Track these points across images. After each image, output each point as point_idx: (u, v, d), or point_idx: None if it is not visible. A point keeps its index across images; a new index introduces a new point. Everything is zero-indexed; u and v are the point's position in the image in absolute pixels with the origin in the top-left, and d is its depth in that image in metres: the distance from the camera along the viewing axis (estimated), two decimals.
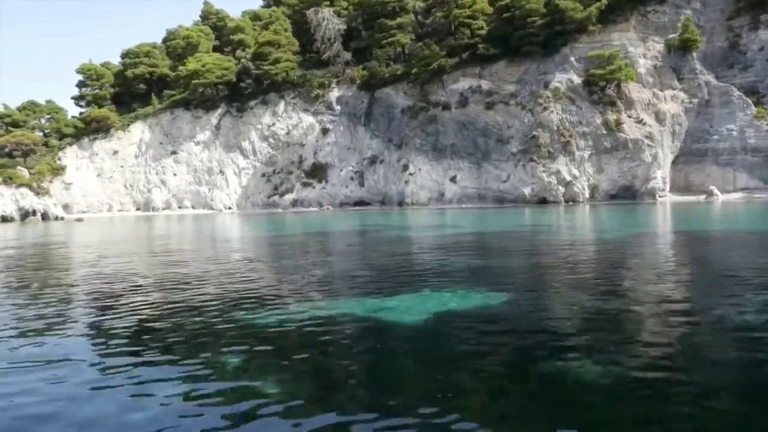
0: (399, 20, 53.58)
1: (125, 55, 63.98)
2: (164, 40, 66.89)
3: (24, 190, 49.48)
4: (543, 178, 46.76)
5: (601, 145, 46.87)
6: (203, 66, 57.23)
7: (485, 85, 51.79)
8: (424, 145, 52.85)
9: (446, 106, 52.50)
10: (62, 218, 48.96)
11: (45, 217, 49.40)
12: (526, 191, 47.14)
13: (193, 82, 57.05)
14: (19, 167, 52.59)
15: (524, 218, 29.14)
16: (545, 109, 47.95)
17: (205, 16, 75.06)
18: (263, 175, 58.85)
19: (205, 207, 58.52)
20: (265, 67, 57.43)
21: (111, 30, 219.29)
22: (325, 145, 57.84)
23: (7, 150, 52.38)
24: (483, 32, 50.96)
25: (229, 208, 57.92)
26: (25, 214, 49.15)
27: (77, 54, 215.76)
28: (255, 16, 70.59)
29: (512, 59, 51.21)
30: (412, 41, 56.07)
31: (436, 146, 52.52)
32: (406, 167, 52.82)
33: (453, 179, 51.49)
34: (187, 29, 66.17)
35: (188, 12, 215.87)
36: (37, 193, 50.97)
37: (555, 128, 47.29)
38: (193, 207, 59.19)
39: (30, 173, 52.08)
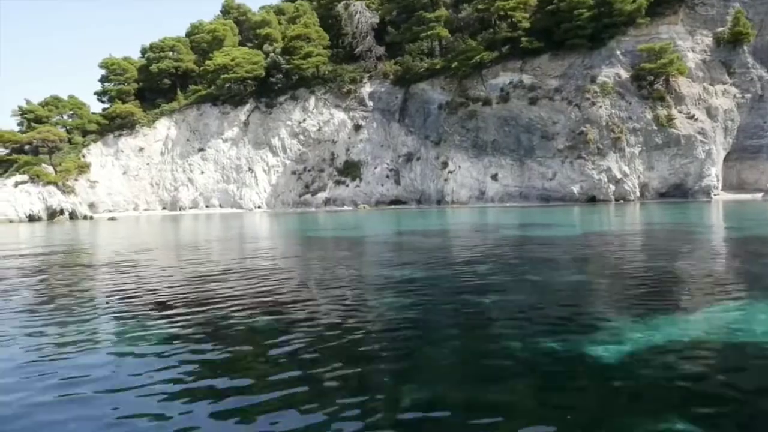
0: (437, 12, 51.78)
1: (149, 49, 62.05)
2: (188, 34, 64.97)
3: (51, 188, 47.64)
4: (593, 175, 45.18)
5: (652, 141, 45.31)
6: (232, 60, 55.42)
7: (527, 79, 50.15)
8: (463, 141, 51.19)
9: (486, 102, 50.83)
10: (91, 217, 47.10)
11: (73, 216, 47.53)
12: (575, 189, 45.55)
13: (222, 76, 55.25)
14: (43, 164, 50.74)
15: (632, 217, 27.47)
16: (593, 104, 46.37)
17: (226, 11, 73.17)
18: (293, 172, 57.10)
19: (233, 206, 56.74)
20: (296, 62, 55.70)
21: (129, 25, 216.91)
22: (357, 141, 56.13)
23: (32, 146, 50.43)
24: (526, 25, 49.15)
25: (259, 207, 56.15)
26: (53, 214, 47.30)
27: (91, 50, 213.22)
28: (279, 11, 68.85)
29: (555, 53, 49.61)
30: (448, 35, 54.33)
31: (476, 143, 50.88)
32: (445, 165, 51.16)
33: (494, 177, 49.86)
34: (211, 23, 64.33)
35: (206, 8, 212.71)
36: (63, 192, 49.11)
37: (604, 124, 45.72)
38: (220, 206, 57.42)
39: (56, 171, 50.20)
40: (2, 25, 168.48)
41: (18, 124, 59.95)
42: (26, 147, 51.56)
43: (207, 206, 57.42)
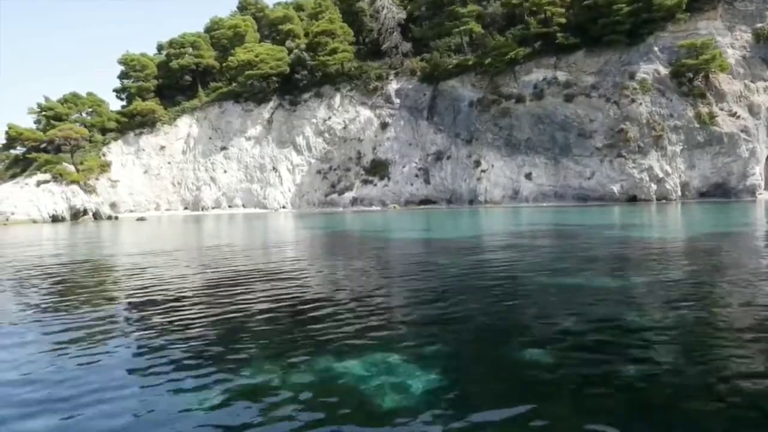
0: (470, 7, 50.53)
1: (167, 45, 60.62)
2: (207, 30, 63.58)
3: (74, 187, 46.19)
4: (633, 174, 44.06)
5: (694, 139, 44.21)
6: (256, 56, 54.08)
7: (561, 76, 49.00)
8: (496, 139, 50.02)
9: (520, 99, 49.67)
10: (116, 217, 45.68)
11: (96, 216, 46.11)
12: (615, 189, 44.42)
13: (246, 73, 53.92)
14: (64, 163, 49.27)
15: (701, 216, 26.27)
16: (633, 101, 45.24)
17: (243, 7, 71.87)
18: (318, 171, 55.81)
19: (257, 206, 55.42)
20: (322, 58, 54.44)
21: (129, 25, 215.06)
22: (384, 140, 54.89)
23: (55, 144, 48.94)
24: (561, 20, 47.98)
25: (284, 207, 54.83)
26: (76, 214, 45.87)
27: (91, 49, 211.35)
28: (298, 6, 67.56)
29: (591, 49, 48.46)
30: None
31: (510, 141, 49.71)
32: (477, 163, 49.97)
33: (528, 176, 48.71)
34: (231, 18, 62.95)
35: (219, 4, 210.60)
36: (86, 191, 47.68)
37: (644, 122, 44.60)
38: (243, 206, 56.09)
39: (77, 170, 48.75)
40: (2, 25, 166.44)
41: (35, 122, 58.50)
42: (48, 146, 50.00)
43: (230, 206, 56.09)
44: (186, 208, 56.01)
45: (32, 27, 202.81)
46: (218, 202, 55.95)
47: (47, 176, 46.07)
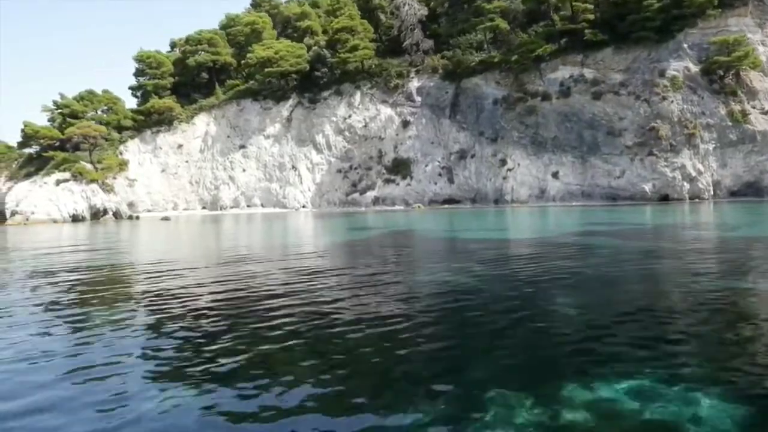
0: (496, 3, 49.70)
1: (184, 42, 59.63)
2: (223, 27, 62.60)
3: (94, 186, 45.25)
4: (666, 173, 43.30)
5: (726, 137, 43.50)
6: (276, 53, 53.13)
7: (588, 73, 48.23)
8: (522, 138, 49.24)
9: (546, 97, 48.90)
10: (137, 217, 44.70)
11: (117, 216, 45.14)
12: (647, 187, 43.65)
13: (266, 70, 52.97)
14: (82, 162, 48.27)
15: (755, 216, 25.51)
16: (664, 98, 44.49)
17: (257, 4, 70.92)
18: (339, 170, 54.92)
19: (276, 205, 54.49)
20: (343, 55, 53.55)
21: (130, 25, 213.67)
22: (406, 138, 54.02)
23: (73, 142, 47.88)
24: (590, 17, 47.21)
25: (304, 206, 53.92)
26: (96, 213, 44.92)
27: (91, 49, 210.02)
28: (314, 3, 66.67)
29: (619, 46, 47.71)
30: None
31: (536, 139, 48.93)
32: (503, 162, 49.17)
33: (555, 175, 47.92)
34: (248, 15, 62.00)
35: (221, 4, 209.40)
36: (104, 190, 46.71)
37: (676, 119, 43.86)
38: (262, 205, 55.17)
39: (96, 168, 47.75)
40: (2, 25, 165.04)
41: (48, 120, 57.45)
42: (67, 144, 48.94)
43: (248, 206, 55.16)
44: (204, 208, 55.07)
45: (31, 27, 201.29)
46: (237, 201, 55.02)
47: (66, 175, 45.09)
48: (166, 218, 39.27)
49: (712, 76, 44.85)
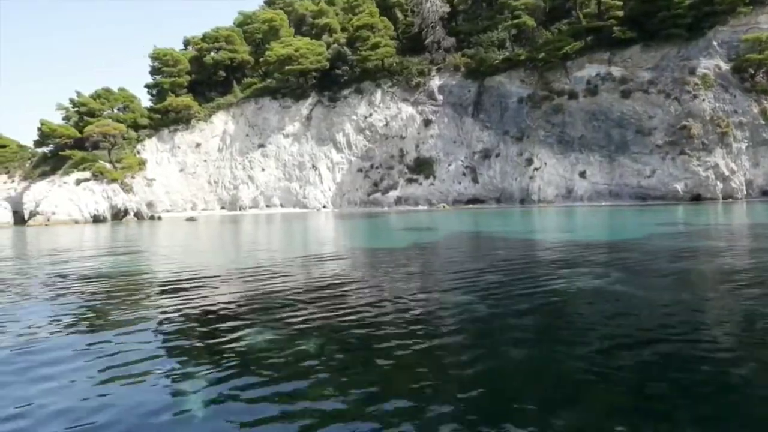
0: (522, 0, 48.94)
1: (201, 39, 58.67)
2: (239, 24, 61.67)
3: (115, 186, 44.30)
4: (698, 172, 42.64)
5: (759, 136, 42.91)
6: (296, 51, 52.27)
7: (616, 71, 47.56)
8: (548, 137, 48.54)
9: (572, 95, 48.22)
10: (158, 217, 43.75)
11: (138, 216, 44.18)
12: (679, 187, 42.99)
13: (286, 68, 52.11)
14: (100, 161, 47.30)
15: None
16: (695, 97, 43.85)
17: (271, 1, 70.03)
18: (360, 170, 54.11)
19: (295, 205, 53.65)
20: (364, 53, 52.74)
21: (129, 25, 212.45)
22: (428, 137, 53.27)
23: (92, 141, 46.86)
24: (619, 14, 46.52)
25: (324, 206, 53.08)
26: (116, 214, 43.97)
27: (91, 49, 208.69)
28: (330, 1, 65.82)
29: (647, 43, 47.05)
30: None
31: (562, 138, 48.24)
32: (530, 161, 48.45)
33: (582, 174, 47.24)
34: (265, 12, 61.12)
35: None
36: (124, 190, 45.76)
37: (708, 118, 43.21)
38: (281, 205, 54.31)
39: (115, 168, 46.79)
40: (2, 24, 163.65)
41: (63, 119, 56.44)
42: (86, 142, 47.90)
43: (267, 206, 54.28)
44: (222, 208, 54.17)
45: (31, 27, 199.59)
46: (256, 201, 54.14)
47: (87, 174, 44.12)
48: (191, 219, 38.27)
49: (743, 74, 44.23)
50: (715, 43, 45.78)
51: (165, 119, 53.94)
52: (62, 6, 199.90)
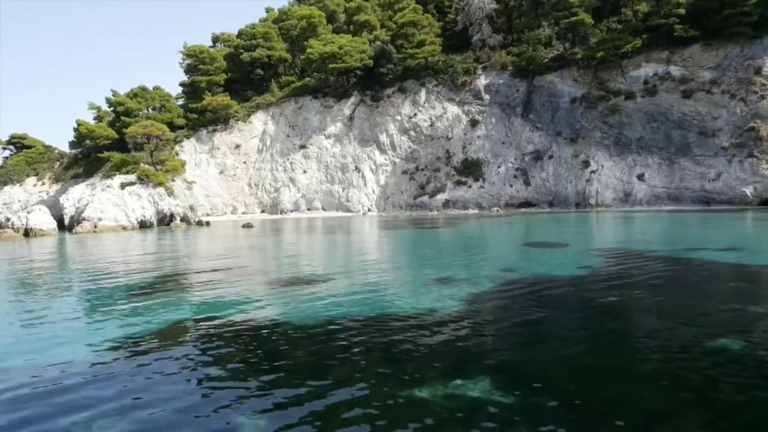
0: None
1: (236, 36, 56.68)
2: (274, 21, 59.66)
3: (160, 190, 42.49)
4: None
5: None
6: (339, 48, 50.44)
7: (675, 71, 46.11)
8: (605, 138, 47.08)
9: (629, 95, 46.74)
10: (207, 223, 41.94)
11: (184, 221, 42.39)
12: (747, 191, 41.62)
13: (330, 66, 50.28)
14: (141, 163, 45.43)
15: None
16: (762, 97, 42.49)
17: None
18: (404, 172, 52.47)
19: (339, 208, 51.99)
20: (409, 51, 51.02)
21: (192, 15, 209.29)
22: (475, 138, 51.68)
23: (134, 142, 44.90)
24: (681, 11, 44.95)
25: (369, 209, 51.41)
26: (162, 219, 42.16)
27: (92, 50, 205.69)
28: None
29: (708, 42, 45.59)
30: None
31: (619, 140, 46.79)
32: (586, 164, 46.97)
33: (640, 177, 45.80)
34: (301, 8, 59.17)
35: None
36: (169, 194, 43.95)
37: None
38: (323, 208, 52.63)
39: (158, 170, 44.93)
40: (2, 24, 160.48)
41: (94, 119, 54.48)
42: (128, 144, 45.93)
43: (308, 209, 52.58)
44: (263, 211, 52.44)
45: (33, 27, 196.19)
46: (297, 204, 52.44)
47: (131, 177, 42.25)
48: (248, 225, 36.40)
49: None
50: None
51: (202, 119, 52.06)
52: (60, 6, 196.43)
